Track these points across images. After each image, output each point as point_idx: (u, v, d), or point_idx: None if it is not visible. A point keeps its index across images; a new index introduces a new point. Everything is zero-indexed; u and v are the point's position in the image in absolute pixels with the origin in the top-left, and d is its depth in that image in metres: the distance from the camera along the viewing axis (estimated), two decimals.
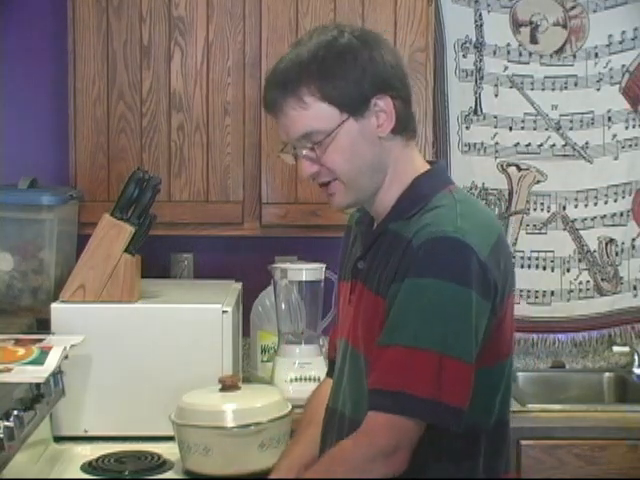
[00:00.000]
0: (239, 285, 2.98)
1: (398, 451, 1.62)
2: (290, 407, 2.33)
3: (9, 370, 2.15)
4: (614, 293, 3.46)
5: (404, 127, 1.75)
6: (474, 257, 1.63)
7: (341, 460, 1.66)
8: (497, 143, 3.41)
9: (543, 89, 3.41)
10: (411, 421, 1.62)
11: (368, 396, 1.66)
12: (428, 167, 1.80)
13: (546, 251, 3.43)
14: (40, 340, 2.38)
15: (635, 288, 3.47)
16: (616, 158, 3.43)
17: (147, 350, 2.57)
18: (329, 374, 2.02)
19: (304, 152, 1.73)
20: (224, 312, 2.59)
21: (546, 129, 3.41)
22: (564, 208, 3.43)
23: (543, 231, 3.43)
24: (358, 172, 1.73)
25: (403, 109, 1.74)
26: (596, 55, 3.41)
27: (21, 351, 2.28)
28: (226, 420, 2.24)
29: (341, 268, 1.94)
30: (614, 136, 3.42)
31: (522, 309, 3.37)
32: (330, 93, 1.67)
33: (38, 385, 2.21)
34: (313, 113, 1.68)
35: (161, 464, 2.38)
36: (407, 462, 1.63)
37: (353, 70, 1.68)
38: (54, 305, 2.61)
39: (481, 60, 3.39)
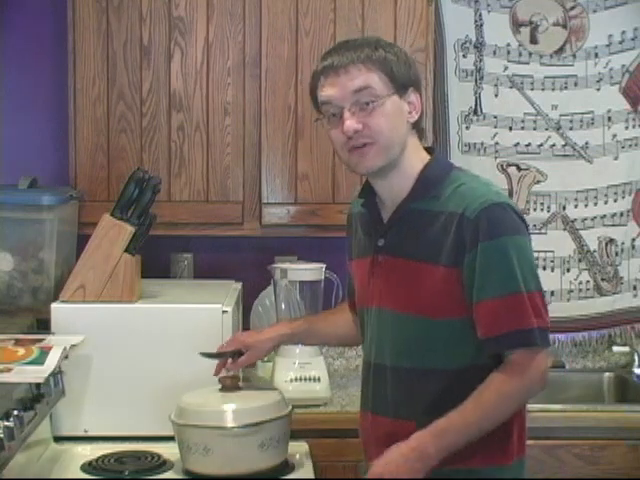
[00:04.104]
0: (239, 285, 2.98)
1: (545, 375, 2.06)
2: (290, 407, 2.33)
3: (9, 370, 2.15)
4: (614, 293, 3.46)
5: (418, 125, 2.10)
6: (513, 210, 2.02)
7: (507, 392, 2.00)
8: (497, 143, 3.41)
9: (543, 89, 3.41)
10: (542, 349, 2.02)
11: (497, 340, 1.97)
12: (429, 156, 2.11)
13: (546, 251, 3.43)
14: (40, 340, 2.38)
15: (635, 288, 3.47)
16: (616, 158, 3.43)
17: (147, 350, 2.57)
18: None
19: (353, 110, 2.01)
20: (224, 312, 2.59)
21: (546, 129, 3.41)
22: (564, 208, 3.43)
23: (543, 231, 3.43)
24: (392, 138, 2.03)
25: (421, 111, 2.09)
26: (596, 55, 3.41)
27: (21, 351, 2.28)
28: (226, 420, 2.24)
29: (350, 249, 2.26)
30: (614, 136, 3.42)
31: None
32: (388, 69, 2.02)
33: (38, 385, 2.21)
34: (373, 76, 2.01)
35: (161, 464, 2.37)
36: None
37: (404, 64, 2.05)
38: (54, 305, 2.60)
39: (481, 60, 3.39)
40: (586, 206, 3.44)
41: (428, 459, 1.94)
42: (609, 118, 3.42)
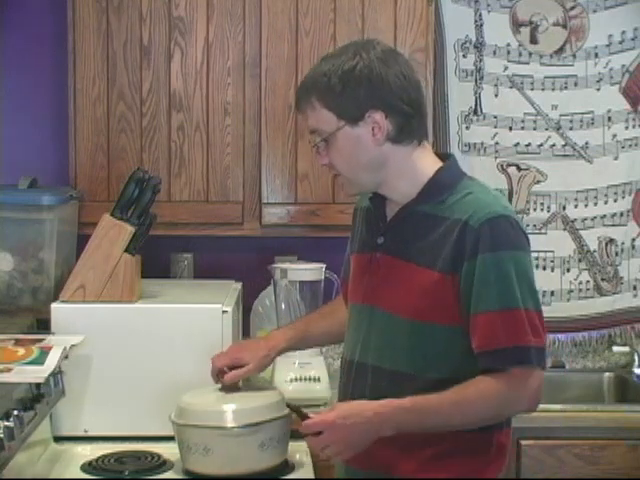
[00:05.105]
0: (239, 285, 2.98)
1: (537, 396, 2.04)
2: None
3: (9, 370, 2.15)
4: (614, 293, 3.46)
5: (405, 137, 2.03)
6: (518, 226, 2.00)
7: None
8: (497, 143, 3.41)
9: (543, 89, 3.41)
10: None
11: (492, 355, 1.95)
12: (442, 163, 2.09)
13: (546, 251, 3.43)
14: (40, 340, 2.38)
15: (635, 288, 3.47)
16: (616, 158, 3.43)
17: (147, 350, 2.57)
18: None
19: (316, 145, 2.08)
20: (224, 312, 2.59)
21: (546, 129, 3.41)
22: (564, 208, 3.43)
23: (543, 231, 3.43)
24: (354, 170, 2.05)
25: (401, 123, 2.02)
26: (596, 55, 3.41)
27: (21, 351, 2.28)
28: (226, 420, 2.24)
29: (352, 242, 2.26)
30: (614, 136, 3.42)
31: None
32: (331, 104, 2.02)
33: (38, 385, 2.21)
34: (318, 115, 2.04)
35: (161, 464, 2.37)
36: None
37: (353, 90, 2.00)
38: (54, 305, 2.60)
39: (481, 60, 3.39)
40: (586, 206, 3.44)
41: (386, 430, 1.94)
42: (609, 118, 3.42)
